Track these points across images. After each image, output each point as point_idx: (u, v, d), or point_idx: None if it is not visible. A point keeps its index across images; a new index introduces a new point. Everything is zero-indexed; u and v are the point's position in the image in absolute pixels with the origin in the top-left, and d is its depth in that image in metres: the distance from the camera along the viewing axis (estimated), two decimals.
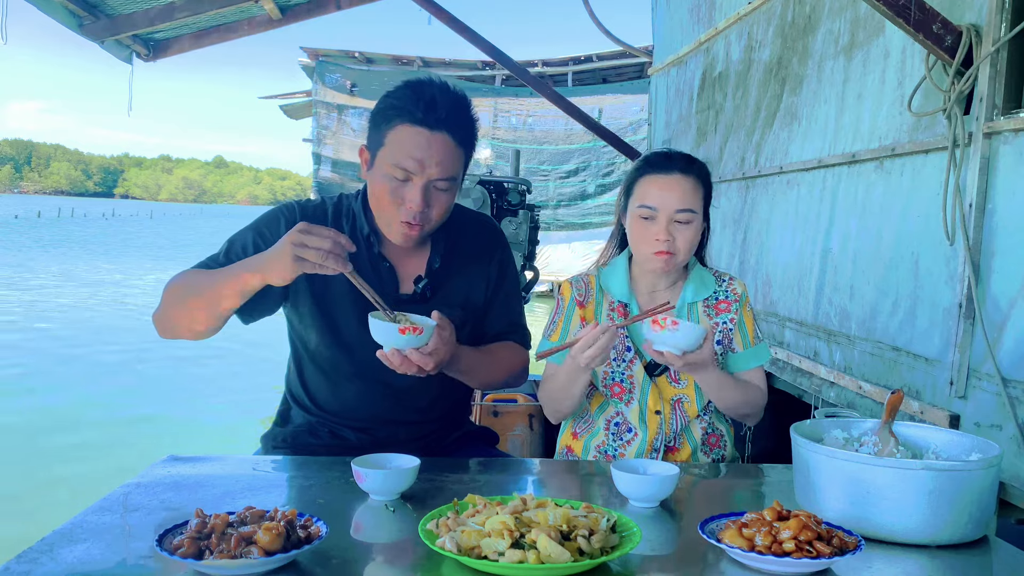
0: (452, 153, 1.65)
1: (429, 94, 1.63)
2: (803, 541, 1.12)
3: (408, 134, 1.62)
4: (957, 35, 2.04)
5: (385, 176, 1.65)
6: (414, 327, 1.52)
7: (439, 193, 1.67)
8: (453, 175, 1.67)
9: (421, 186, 1.63)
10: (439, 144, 1.63)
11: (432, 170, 1.63)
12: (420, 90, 1.64)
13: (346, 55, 14.62)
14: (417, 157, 1.62)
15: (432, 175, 1.63)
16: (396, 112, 1.64)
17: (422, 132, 1.62)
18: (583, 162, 14.25)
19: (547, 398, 1.89)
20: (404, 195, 1.64)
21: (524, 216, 4.09)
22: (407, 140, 1.62)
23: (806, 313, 2.97)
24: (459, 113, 1.67)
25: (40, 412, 6.49)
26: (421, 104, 1.61)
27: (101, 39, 4.04)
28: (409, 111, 1.62)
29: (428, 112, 1.61)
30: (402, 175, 1.63)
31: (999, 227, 1.96)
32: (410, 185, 1.64)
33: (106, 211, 68.20)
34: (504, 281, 1.92)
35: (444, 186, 1.66)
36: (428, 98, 1.62)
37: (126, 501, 1.36)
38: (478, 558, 1.09)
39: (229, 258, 1.74)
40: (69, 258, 21.71)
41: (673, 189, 1.79)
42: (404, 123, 1.63)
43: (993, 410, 1.92)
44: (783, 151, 3.27)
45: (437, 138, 1.62)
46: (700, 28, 4.42)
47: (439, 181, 1.65)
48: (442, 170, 1.64)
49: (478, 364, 1.78)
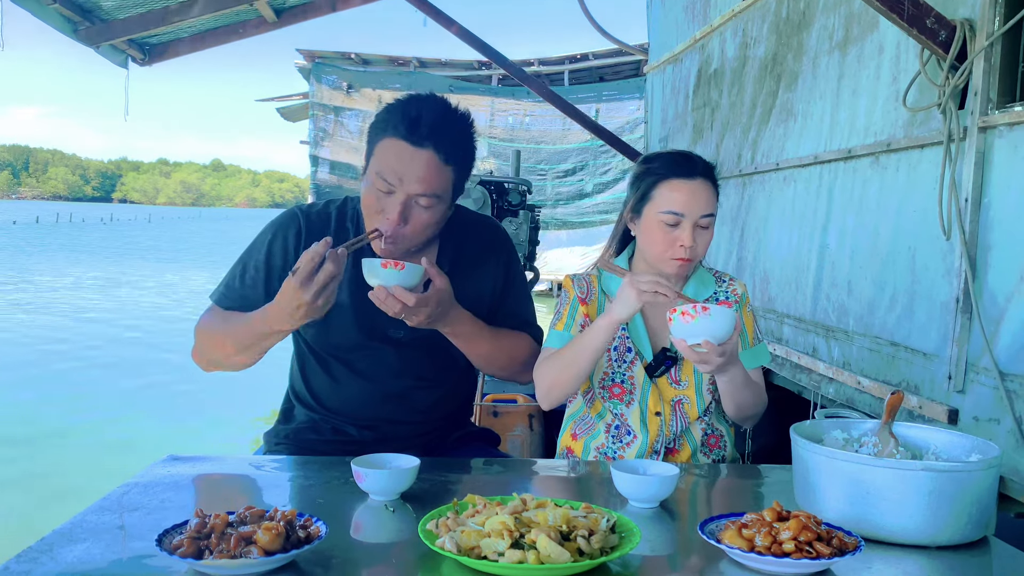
0: (436, 170, 1.65)
1: (416, 111, 1.64)
2: (803, 542, 1.12)
3: (392, 148, 1.64)
4: (951, 30, 2.04)
5: (370, 187, 1.68)
6: (396, 262, 1.54)
7: (420, 210, 1.67)
8: (436, 192, 1.66)
9: (401, 201, 1.64)
10: (422, 161, 1.63)
11: (412, 186, 1.63)
12: (409, 106, 1.66)
13: (342, 57, 14.61)
14: (398, 171, 1.63)
15: (412, 191, 1.64)
16: (384, 126, 1.67)
17: (406, 147, 1.63)
18: (580, 161, 14.25)
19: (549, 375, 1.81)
20: (384, 207, 1.66)
21: (524, 216, 4.09)
22: (390, 154, 1.64)
23: (804, 309, 2.98)
24: (448, 130, 1.67)
25: (40, 412, 6.50)
26: (406, 120, 1.63)
27: (96, 44, 4.04)
28: (395, 125, 1.64)
29: (412, 129, 1.63)
30: (384, 187, 1.65)
31: (995, 221, 1.96)
32: (392, 198, 1.65)
33: (104, 216, 68.13)
34: (512, 281, 1.92)
35: (426, 203, 1.66)
36: (414, 115, 1.64)
37: (125, 501, 1.36)
38: (478, 558, 1.09)
39: (244, 281, 1.79)
40: (79, 263, 21.70)
41: (698, 194, 1.76)
42: (390, 137, 1.65)
43: (991, 404, 1.92)
44: (779, 148, 3.27)
45: (421, 155, 1.63)
46: (695, 25, 4.42)
47: (420, 197, 1.65)
48: (423, 186, 1.64)
49: (479, 335, 1.77)
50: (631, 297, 1.64)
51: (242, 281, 1.79)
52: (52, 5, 3.65)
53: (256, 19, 4.45)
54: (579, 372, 1.74)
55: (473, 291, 1.83)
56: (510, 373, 1.90)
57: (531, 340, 1.91)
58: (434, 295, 1.59)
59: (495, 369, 1.89)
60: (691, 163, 1.81)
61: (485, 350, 1.80)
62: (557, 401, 1.82)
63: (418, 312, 1.57)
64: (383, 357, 1.81)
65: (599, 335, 1.70)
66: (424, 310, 1.58)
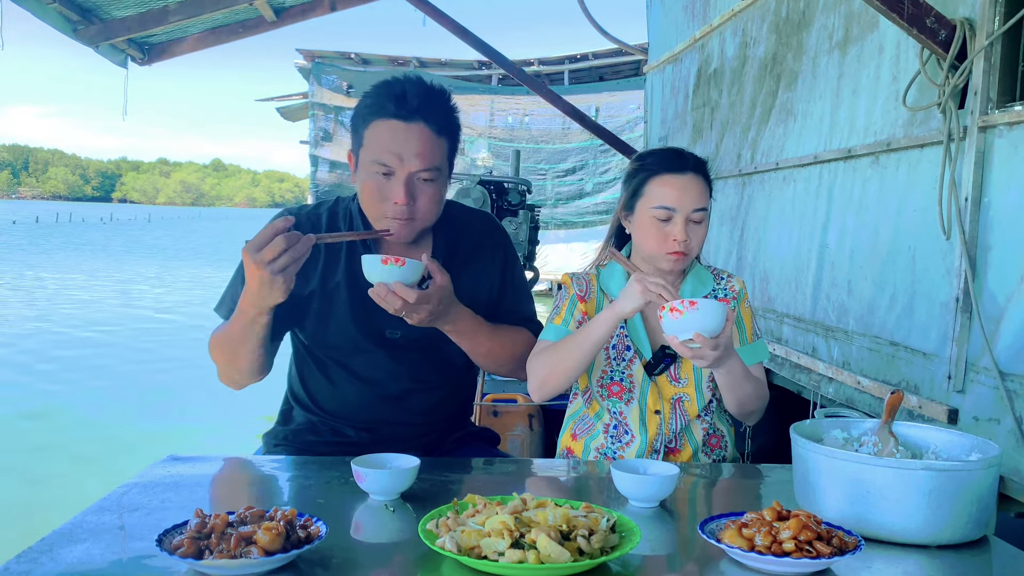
0: (431, 143, 1.66)
1: (400, 88, 1.66)
2: (803, 541, 1.12)
3: (384, 129, 1.65)
4: (951, 29, 2.04)
5: (368, 175, 1.67)
6: (396, 258, 1.51)
7: (424, 184, 1.67)
8: (435, 165, 1.67)
9: (404, 180, 1.64)
10: (416, 135, 1.64)
11: (412, 162, 1.64)
12: (391, 86, 1.67)
13: (342, 56, 14.62)
14: (395, 151, 1.63)
15: (413, 167, 1.64)
16: (370, 110, 1.67)
17: (397, 125, 1.64)
18: (580, 161, 14.24)
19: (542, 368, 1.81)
20: (389, 191, 1.66)
21: (524, 216, 4.10)
22: (384, 135, 1.64)
23: (804, 309, 2.97)
24: (433, 102, 1.68)
25: (39, 409, 6.50)
26: (392, 98, 1.64)
27: (95, 43, 4.03)
28: (382, 106, 1.65)
29: (400, 105, 1.64)
30: (383, 170, 1.65)
31: (995, 221, 1.96)
32: (393, 180, 1.65)
33: (104, 215, 68.11)
34: (510, 277, 1.91)
35: (428, 176, 1.67)
36: (399, 92, 1.65)
37: (126, 501, 1.36)
38: (478, 558, 1.09)
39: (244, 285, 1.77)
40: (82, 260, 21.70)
41: (689, 189, 1.77)
42: (379, 119, 1.65)
43: (991, 404, 1.92)
44: (779, 147, 3.27)
45: (413, 129, 1.64)
46: (695, 25, 4.42)
47: (422, 172, 1.66)
48: (422, 160, 1.65)
49: (480, 331, 1.76)
50: (637, 293, 1.65)
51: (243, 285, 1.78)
52: (52, 5, 3.64)
53: (256, 19, 4.45)
54: (575, 364, 1.74)
55: (470, 286, 1.82)
56: (511, 369, 1.89)
57: (531, 336, 1.90)
58: (435, 292, 1.58)
59: (497, 366, 1.88)
60: (682, 158, 1.82)
61: (486, 347, 1.79)
62: (550, 394, 1.81)
63: (419, 309, 1.56)
64: (380, 359, 1.80)
65: (600, 327, 1.71)
66: (425, 307, 1.57)
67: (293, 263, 1.51)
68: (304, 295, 1.76)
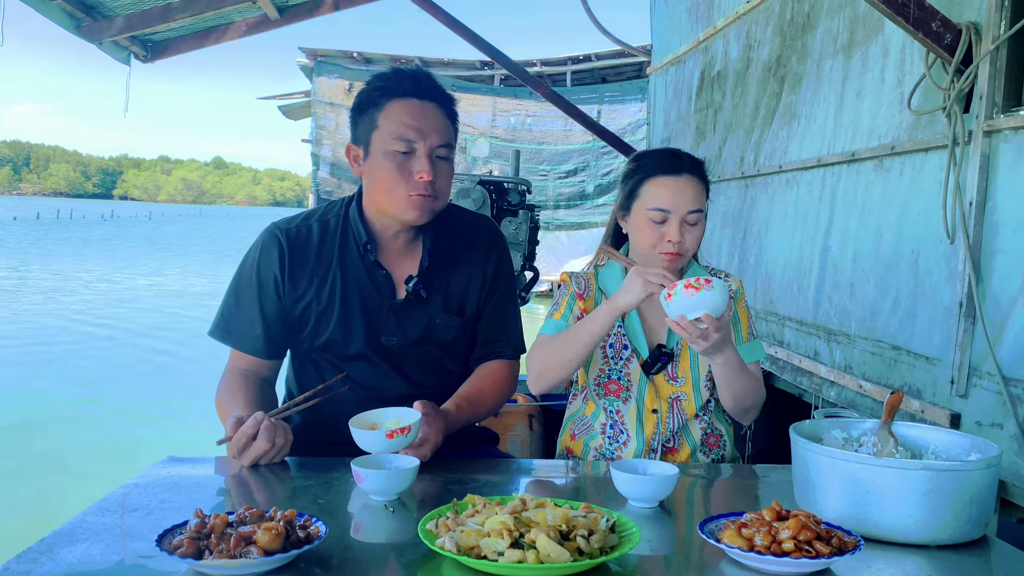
0: (443, 122, 1.72)
1: (410, 71, 1.73)
2: (802, 541, 1.12)
3: (402, 107, 1.69)
4: (956, 33, 2.03)
5: (387, 155, 1.68)
6: (402, 428, 1.49)
7: (441, 162, 1.72)
8: (450, 142, 1.73)
9: (426, 153, 1.68)
10: (432, 112, 1.70)
11: (432, 137, 1.68)
12: (399, 72, 1.73)
13: (344, 55, 14.62)
14: (416, 126, 1.67)
15: (433, 142, 1.69)
16: (383, 92, 1.70)
17: (414, 102, 1.69)
18: (582, 162, 14.24)
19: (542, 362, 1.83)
20: (412, 167, 1.68)
21: (524, 216, 4.08)
22: (403, 112, 1.68)
23: (806, 312, 2.97)
24: (440, 86, 1.76)
25: (37, 409, 6.50)
26: (406, 79, 1.70)
27: (99, 40, 4.04)
28: (397, 86, 1.70)
29: (415, 84, 1.70)
30: (405, 147, 1.67)
31: (999, 225, 1.95)
32: (415, 156, 1.68)
33: (105, 212, 68.18)
34: (499, 283, 1.89)
35: (444, 153, 1.72)
36: (411, 74, 1.72)
37: (125, 501, 1.36)
38: (477, 558, 1.09)
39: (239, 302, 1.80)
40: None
41: (684, 191, 1.78)
42: (395, 99, 1.69)
43: (994, 409, 1.92)
44: (782, 150, 3.27)
45: (429, 107, 1.70)
46: (699, 27, 4.42)
47: (440, 148, 1.70)
48: (440, 136, 1.70)
49: (471, 415, 1.79)
50: (637, 285, 1.66)
51: (237, 302, 1.80)
52: (55, 1, 3.64)
53: (259, 17, 4.45)
54: (573, 356, 1.75)
55: (461, 289, 1.83)
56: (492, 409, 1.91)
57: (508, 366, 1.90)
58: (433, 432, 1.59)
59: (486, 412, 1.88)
60: (678, 160, 1.82)
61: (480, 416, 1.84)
62: (548, 386, 1.83)
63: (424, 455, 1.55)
64: (377, 366, 1.81)
65: (599, 321, 1.72)
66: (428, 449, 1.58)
67: (269, 453, 1.56)
68: (298, 313, 1.79)
